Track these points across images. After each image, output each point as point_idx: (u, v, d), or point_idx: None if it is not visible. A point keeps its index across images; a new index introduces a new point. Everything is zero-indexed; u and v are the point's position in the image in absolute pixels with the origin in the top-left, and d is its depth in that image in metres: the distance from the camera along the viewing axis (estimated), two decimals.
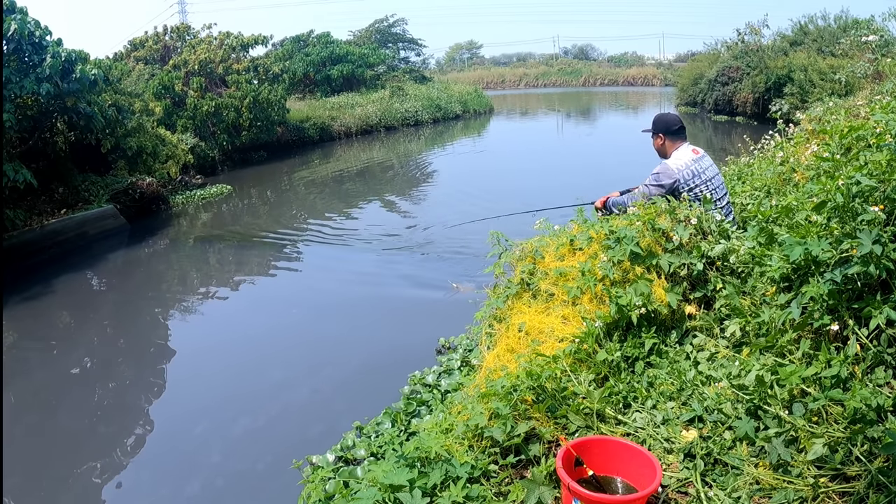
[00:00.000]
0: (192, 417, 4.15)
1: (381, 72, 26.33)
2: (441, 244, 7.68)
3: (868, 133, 3.23)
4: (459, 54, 61.56)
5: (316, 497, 2.61)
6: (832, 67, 13.88)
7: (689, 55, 40.31)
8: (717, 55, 22.59)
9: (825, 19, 18.54)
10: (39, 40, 7.98)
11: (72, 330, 6.15)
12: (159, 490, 3.44)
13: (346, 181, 13.21)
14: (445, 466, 2.17)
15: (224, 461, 3.64)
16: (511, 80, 50.87)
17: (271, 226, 9.66)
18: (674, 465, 2.22)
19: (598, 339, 2.94)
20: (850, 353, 2.22)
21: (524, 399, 2.47)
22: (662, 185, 3.65)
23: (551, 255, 3.58)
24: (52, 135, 9.33)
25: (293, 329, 5.63)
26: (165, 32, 17.96)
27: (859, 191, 2.45)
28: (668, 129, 3.83)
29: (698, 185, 3.64)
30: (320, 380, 4.53)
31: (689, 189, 3.64)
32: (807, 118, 6.48)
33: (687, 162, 3.69)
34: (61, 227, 8.51)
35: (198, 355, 5.25)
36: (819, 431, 1.99)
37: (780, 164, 4.71)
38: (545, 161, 14.31)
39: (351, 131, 20.29)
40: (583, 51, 62.02)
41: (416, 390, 3.82)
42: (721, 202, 3.71)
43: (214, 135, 14.96)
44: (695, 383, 2.61)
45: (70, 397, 4.57)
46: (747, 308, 2.82)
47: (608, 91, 43.52)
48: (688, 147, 3.81)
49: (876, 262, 2.21)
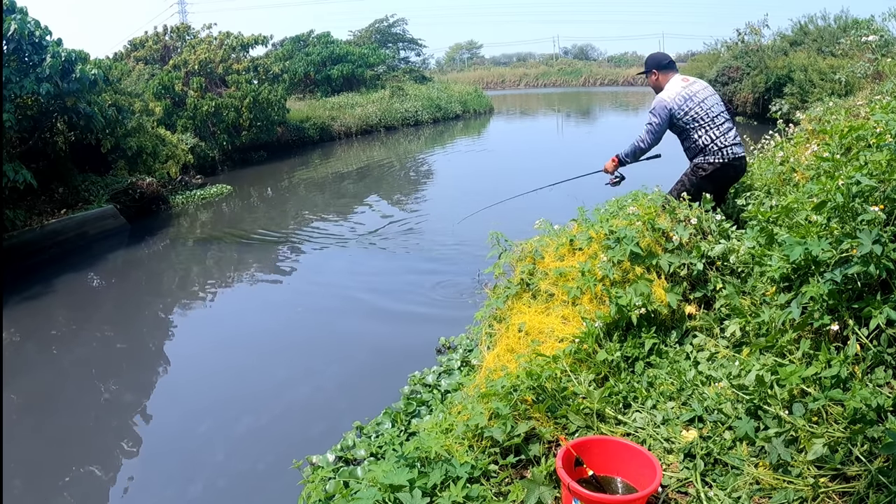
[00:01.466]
0: (192, 417, 4.14)
1: (381, 72, 26.33)
2: (441, 244, 7.68)
3: (868, 133, 3.23)
4: (459, 54, 61.58)
5: (316, 497, 2.61)
6: (832, 67, 13.87)
7: (689, 55, 40.29)
8: (717, 55, 22.58)
9: (825, 19, 18.52)
10: (39, 40, 7.97)
11: (72, 330, 6.15)
12: (163, 491, 3.44)
13: (346, 181, 13.21)
14: (445, 466, 2.17)
15: (225, 461, 3.64)
16: (511, 80, 50.87)
17: (271, 225, 9.66)
18: (674, 465, 2.22)
19: (598, 339, 2.94)
20: (850, 353, 2.22)
21: (524, 399, 2.47)
22: (656, 115, 3.97)
23: (551, 255, 3.58)
24: (52, 135, 9.33)
25: (293, 329, 5.63)
26: (165, 32, 17.95)
27: (859, 191, 2.45)
28: (659, 64, 4.20)
29: (692, 109, 3.96)
30: (320, 380, 4.53)
31: (684, 113, 3.94)
32: (807, 118, 6.48)
33: (677, 90, 4.02)
34: (61, 227, 8.51)
35: (198, 355, 5.25)
36: (819, 431, 1.99)
37: (780, 164, 4.71)
38: (545, 161, 14.31)
39: (351, 131, 20.29)
40: (583, 51, 62.05)
41: (416, 390, 3.82)
42: (717, 120, 3.99)
43: (214, 135, 14.95)
44: (695, 383, 2.61)
45: (70, 397, 4.57)
46: (747, 308, 2.82)
47: (608, 91, 43.51)
48: (678, 76, 4.16)
49: (876, 262, 2.21)
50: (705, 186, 3.96)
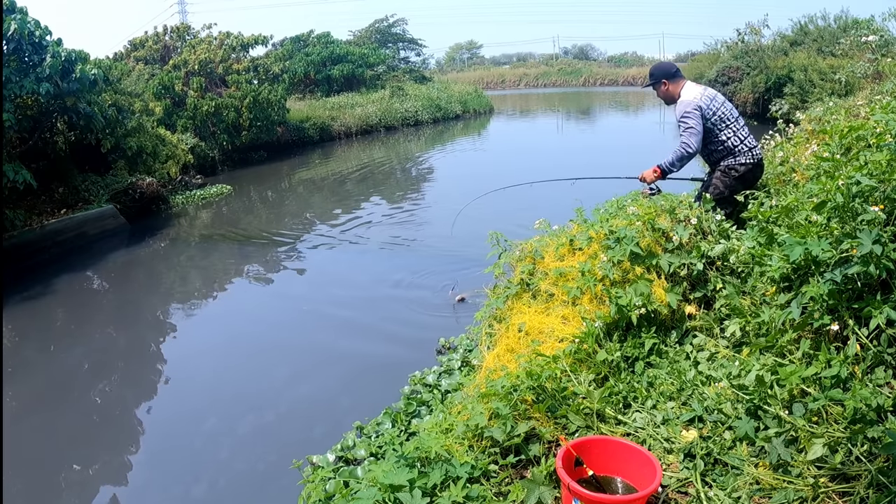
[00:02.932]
0: (192, 417, 4.14)
1: (381, 72, 26.32)
2: (442, 243, 7.67)
3: (868, 133, 3.23)
4: (459, 54, 61.58)
5: (316, 497, 2.61)
6: (832, 67, 13.87)
7: (689, 55, 40.29)
8: (717, 55, 22.54)
9: (825, 19, 18.52)
10: (39, 40, 7.97)
11: (72, 330, 6.15)
12: (163, 491, 3.44)
13: (346, 181, 13.21)
14: (445, 466, 2.17)
15: (226, 461, 3.64)
16: (511, 80, 50.86)
17: (271, 225, 9.66)
18: (674, 465, 2.22)
19: (598, 339, 2.94)
20: (850, 353, 2.22)
21: (524, 399, 2.47)
22: (691, 116, 3.89)
23: (551, 255, 3.58)
24: (52, 135, 9.33)
25: (293, 328, 5.63)
26: (165, 32, 17.96)
27: (859, 191, 2.45)
28: (668, 73, 4.13)
29: (719, 108, 3.93)
30: (321, 380, 4.53)
31: (712, 113, 3.91)
32: (807, 118, 6.48)
33: (698, 93, 3.98)
34: (61, 227, 8.51)
35: (198, 355, 5.25)
36: (819, 431, 1.99)
37: (780, 164, 4.71)
38: (546, 161, 14.31)
39: (351, 131, 20.28)
40: (583, 51, 62.05)
41: (417, 390, 3.82)
42: (741, 121, 4.02)
43: (214, 135, 14.95)
44: (695, 383, 2.61)
45: (70, 397, 4.57)
46: (747, 308, 2.82)
47: (608, 91, 43.49)
48: (690, 82, 4.11)
49: (876, 262, 2.21)
50: (738, 188, 3.94)
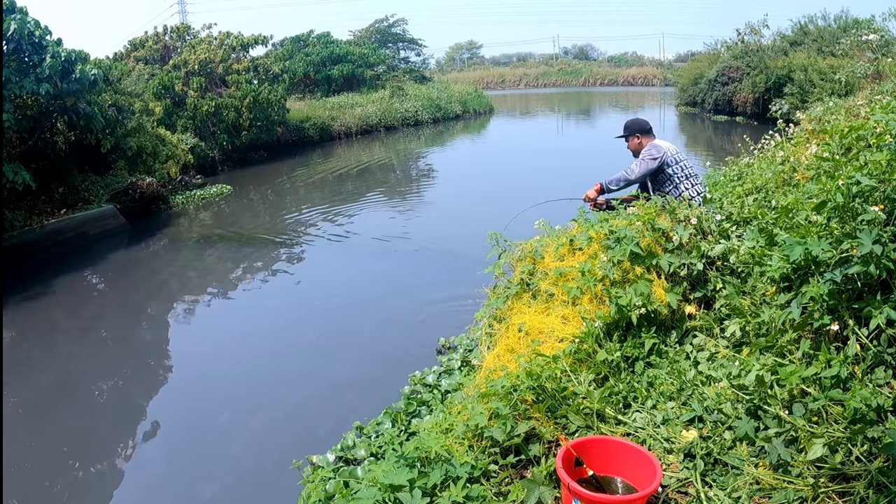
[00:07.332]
0: (193, 417, 4.15)
1: (381, 72, 26.32)
2: (442, 243, 7.67)
3: (868, 133, 3.23)
4: (459, 54, 61.54)
5: (316, 497, 2.61)
6: (832, 67, 13.88)
7: (689, 55, 40.32)
8: (717, 55, 22.57)
9: (825, 19, 18.54)
10: (39, 40, 7.97)
11: (72, 330, 6.14)
12: (163, 491, 3.44)
13: (346, 181, 13.21)
14: (445, 466, 2.17)
15: (226, 461, 3.64)
16: (511, 80, 50.86)
17: (271, 225, 9.66)
18: (674, 465, 2.22)
19: (598, 339, 2.94)
20: (850, 353, 2.22)
21: (524, 399, 2.47)
22: (655, 158, 4.15)
23: (551, 255, 3.58)
24: (52, 135, 9.32)
25: (293, 328, 5.62)
26: (165, 32, 17.96)
27: (859, 191, 2.45)
28: (642, 129, 4.41)
29: (680, 162, 4.20)
30: (321, 380, 4.53)
31: (676, 162, 4.18)
32: (807, 118, 6.48)
33: (668, 146, 4.27)
34: (61, 227, 8.51)
35: (198, 355, 5.25)
36: (819, 431, 1.99)
37: (781, 164, 4.71)
38: (546, 161, 14.31)
39: (351, 131, 20.29)
40: (583, 51, 62.01)
41: (417, 390, 3.82)
42: (699, 177, 4.30)
43: (214, 135, 14.95)
44: (695, 383, 2.61)
45: (70, 397, 4.57)
46: (747, 308, 2.82)
47: (608, 91, 43.50)
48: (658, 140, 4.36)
49: (876, 262, 2.21)
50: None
